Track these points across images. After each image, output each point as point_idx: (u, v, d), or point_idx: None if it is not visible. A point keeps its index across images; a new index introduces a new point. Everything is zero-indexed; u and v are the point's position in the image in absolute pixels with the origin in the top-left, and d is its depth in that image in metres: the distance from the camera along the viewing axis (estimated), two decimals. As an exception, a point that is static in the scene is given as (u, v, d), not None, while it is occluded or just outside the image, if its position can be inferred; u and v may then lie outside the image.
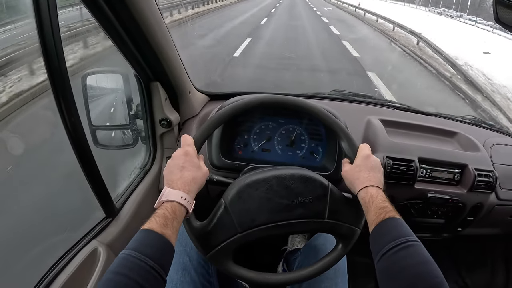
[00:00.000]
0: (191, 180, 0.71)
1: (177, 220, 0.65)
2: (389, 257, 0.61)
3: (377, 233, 0.67)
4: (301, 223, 0.79)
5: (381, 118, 1.28)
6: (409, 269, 0.58)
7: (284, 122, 1.18)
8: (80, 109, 0.93)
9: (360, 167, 0.79)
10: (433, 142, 1.28)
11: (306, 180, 0.81)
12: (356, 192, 0.77)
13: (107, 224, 0.95)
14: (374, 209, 0.70)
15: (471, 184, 1.18)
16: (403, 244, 0.61)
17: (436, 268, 0.58)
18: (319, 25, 13.95)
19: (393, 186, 1.14)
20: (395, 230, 0.65)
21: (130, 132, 1.12)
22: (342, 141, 0.86)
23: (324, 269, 0.82)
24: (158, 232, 0.61)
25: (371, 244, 0.68)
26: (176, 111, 1.16)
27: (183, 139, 0.78)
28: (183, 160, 0.73)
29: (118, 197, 1.07)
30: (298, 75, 6.16)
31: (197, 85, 1.29)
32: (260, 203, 0.78)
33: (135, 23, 0.84)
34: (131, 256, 0.56)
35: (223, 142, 1.10)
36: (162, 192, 0.68)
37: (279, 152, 1.18)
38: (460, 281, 1.78)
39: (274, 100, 0.85)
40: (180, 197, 0.67)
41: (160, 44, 0.95)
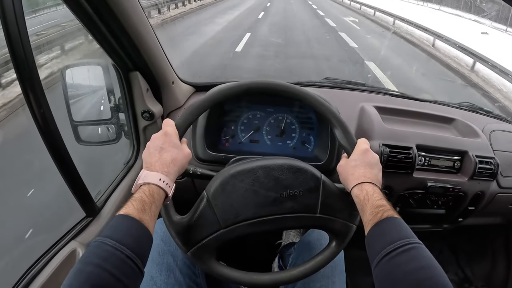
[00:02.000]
0: (170, 161, 0.67)
1: (155, 204, 0.61)
2: (388, 262, 0.55)
3: (374, 234, 0.61)
4: (290, 218, 0.74)
5: (375, 105, 1.24)
6: (411, 275, 0.52)
7: (273, 110, 1.13)
8: (61, 104, 0.91)
9: (356, 162, 0.73)
10: (430, 129, 1.24)
11: (297, 171, 0.75)
12: (350, 189, 0.71)
13: (87, 223, 0.90)
14: (370, 208, 0.64)
15: (472, 171, 1.15)
16: (403, 246, 0.55)
17: (442, 274, 0.52)
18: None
19: (391, 176, 1.10)
20: (394, 231, 0.59)
21: (113, 127, 1.08)
22: (336, 129, 0.80)
23: (317, 268, 0.77)
24: (135, 218, 0.56)
25: (367, 247, 0.62)
26: (159, 102, 1.11)
27: (164, 122, 0.74)
28: (162, 140, 0.69)
29: (99, 194, 1.02)
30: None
31: (184, 75, 1.24)
32: (245, 196, 0.72)
33: (110, 10, 0.79)
34: (105, 243, 0.51)
35: (208, 133, 1.05)
36: (139, 175, 0.64)
37: (268, 143, 1.14)
38: (460, 272, 1.76)
39: (262, 84, 0.79)
40: (158, 179, 0.63)
41: (138, 32, 0.90)
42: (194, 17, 12.13)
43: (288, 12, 15.15)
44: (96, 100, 1.06)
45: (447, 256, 1.83)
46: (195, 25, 10.61)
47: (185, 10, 12.61)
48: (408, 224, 1.04)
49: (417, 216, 1.26)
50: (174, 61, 1.14)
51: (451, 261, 1.80)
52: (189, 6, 13.57)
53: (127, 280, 0.50)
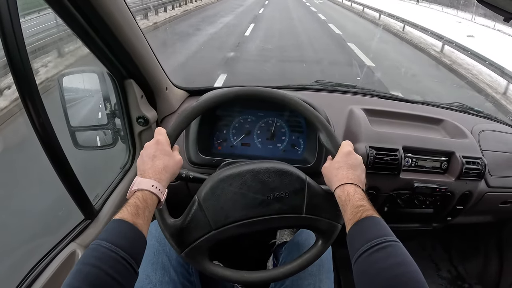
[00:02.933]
0: (162, 169, 0.71)
1: (148, 209, 0.65)
2: (365, 259, 0.58)
3: (354, 233, 0.65)
4: (278, 218, 0.78)
5: (364, 107, 1.27)
6: (386, 271, 0.55)
7: (263, 115, 1.17)
8: (59, 111, 0.95)
9: (340, 164, 0.77)
10: (418, 130, 1.27)
11: (282, 174, 0.79)
12: (333, 190, 0.75)
13: (86, 226, 0.95)
14: (350, 208, 0.68)
15: (459, 172, 1.18)
16: (380, 244, 0.58)
17: (416, 270, 0.55)
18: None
19: (378, 177, 1.13)
20: (372, 230, 0.62)
21: (110, 132, 1.12)
22: (321, 133, 0.84)
23: (303, 266, 0.81)
24: (129, 222, 0.60)
25: (348, 245, 0.65)
26: (154, 108, 1.15)
27: (156, 130, 0.78)
28: (154, 149, 0.73)
29: (97, 198, 1.06)
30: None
31: (177, 80, 1.28)
32: (234, 198, 0.77)
33: (102, 22, 0.82)
34: (101, 246, 0.55)
35: (201, 138, 1.09)
36: (134, 182, 0.68)
37: (259, 146, 1.18)
38: (453, 269, 1.79)
39: (249, 92, 0.83)
40: (151, 186, 0.67)
41: (130, 41, 0.93)
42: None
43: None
44: (92, 106, 1.10)
45: (440, 253, 1.86)
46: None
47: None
48: (397, 223, 1.08)
49: (406, 215, 1.29)
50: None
51: (444, 259, 1.82)
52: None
53: (122, 279, 0.54)
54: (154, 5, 11.02)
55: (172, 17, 11.52)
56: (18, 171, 1.82)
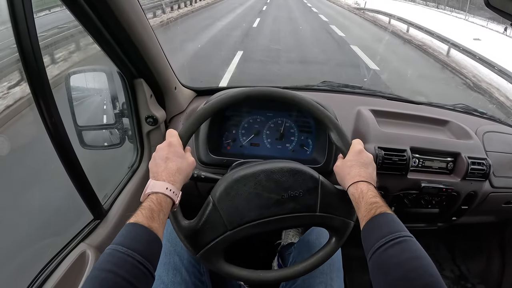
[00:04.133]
0: (176, 171, 0.71)
1: (163, 212, 0.65)
2: (381, 254, 0.60)
3: (368, 229, 0.66)
4: (292, 217, 0.79)
5: (371, 109, 1.29)
6: (402, 265, 0.57)
7: (272, 115, 1.19)
8: (66, 109, 0.95)
9: (352, 162, 0.79)
10: (425, 131, 1.29)
11: (296, 173, 0.80)
12: (346, 188, 0.77)
13: (95, 226, 0.95)
14: (364, 205, 0.70)
15: (465, 172, 1.20)
16: (395, 240, 0.60)
17: (430, 264, 0.57)
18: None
19: (386, 177, 1.15)
20: (387, 226, 0.64)
21: (117, 131, 1.12)
22: (332, 132, 0.85)
23: (318, 263, 0.82)
24: (144, 225, 0.60)
25: (363, 241, 0.67)
26: (162, 108, 1.16)
27: (167, 132, 0.79)
28: (166, 151, 0.74)
29: (106, 197, 1.07)
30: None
31: (184, 80, 1.29)
32: (249, 199, 0.78)
33: (116, 20, 0.83)
34: (117, 251, 0.55)
35: (211, 138, 1.10)
36: (147, 185, 0.68)
37: (269, 146, 1.19)
38: (456, 269, 1.81)
39: (260, 92, 0.85)
40: (165, 188, 0.67)
41: (143, 41, 0.94)
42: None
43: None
44: (99, 106, 1.10)
45: (443, 253, 1.88)
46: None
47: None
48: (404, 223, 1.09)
49: (412, 215, 1.31)
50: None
51: (447, 259, 1.85)
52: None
53: (139, 283, 0.54)
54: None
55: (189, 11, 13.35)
56: (26, 171, 1.81)
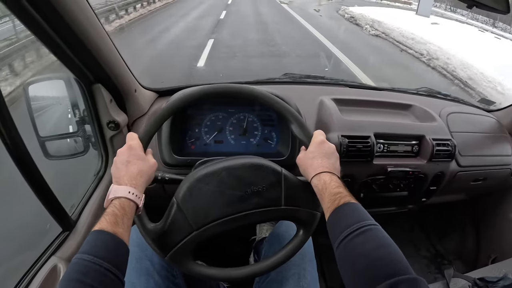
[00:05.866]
0: (137, 174, 0.73)
1: (127, 216, 0.66)
2: (347, 244, 0.61)
3: (333, 220, 0.67)
4: (257, 213, 0.81)
5: (334, 98, 1.31)
6: (368, 255, 0.58)
7: (234, 111, 1.20)
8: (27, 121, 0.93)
9: (314, 153, 0.81)
10: (388, 117, 1.33)
11: (258, 168, 0.82)
12: (310, 179, 0.78)
13: (64, 238, 0.95)
14: (328, 196, 0.71)
15: (430, 154, 1.25)
16: (360, 229, 0.61)
17: (396, 251, 0.58)
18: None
19: (352, 165, 1.18)
20: (351, 216, 0.65)
21: (80, 139, 1.11)
22: (292, 125, 0.88)
23: (288, 257, 0.84)
24: (109, 232, 0.61)
25: (329, 233, 0.67)
26: (124, 111, 1.16)
27: (128, 136, 0.80)
28: (127, 154, 0.75)
29: (73, 208, 1.06)
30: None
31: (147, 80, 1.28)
32: (213, 197, 0.79)
33: (67, 26, 0.82)
34: (83, 260, 0.56)
35: (174, 138, 1.11)
36: (110, 190, 0.69)
37: (233, 142, 1.21)
38: (432, 248, 1.89)
39: (217, 89, 0.86)
40: (128, 192, 0.68)
41: (97, 45, 0.93)
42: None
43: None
44: (61, 114, 1.09)
45: (418, 234, 1.96)
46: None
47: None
48: (374, 208, 1.14)
49: (382, 199, 1.35)
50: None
51: (422, 238, 1.93)
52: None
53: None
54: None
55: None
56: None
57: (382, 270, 0.54)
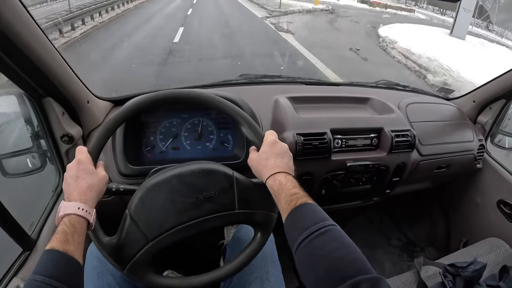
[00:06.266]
0: (87, 188, 0.72)
1: (77, 233, 0.65)
2: (305, 247, 0.60)
3: (290, 222, 0.66)
4: (212, 218, 0.80)
5: (289, 96, 1.31)
6: (328, 256, 0.57)
7: (187, 116, 1.19)
8: None
9: (267, 154, 0.79)
10: (346, 111, 1.34)
11: (208, 174, 0.82)
12: (264, 180, 0.76)
13: (25, 258, 0.93)
14: (284, 197, 0.70)
15: (390, 146, 1.26)
16: (318, 230, 0.60)
17: (356, 251, 0.58)
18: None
19: (310, 162, 1.18)
20: (309, 217, 0.64)
21: (37, 155, 1.09)
22: (243, 126, 0.87)
23: (247, 261, 0.84)
24: (59, 250, 0.60)
25: (286, 235, 0.66)
26: (78, 123, 1.13)
27: (77, 150, 0.78)
28: (76, 169, 0.74)
29: (33, 226, 1.04)
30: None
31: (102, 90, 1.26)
32: (165, 206, 0.78)
33: (5, 38, 0.78)
34: (35, 280, 0.55)
35: (128, 148, 1.09)
36: (59, 207, 0.68)
37: (189, 148, 1.19)
38: (403, 237, 1.93)
39: (165, 96, 0.85)
40: (77, 208, 0.67)
41: (42, 58, 0.90)
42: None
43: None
44: (15, 130, 1.08)
45: (388, 224, 1.99)
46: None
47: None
48: (338, 203, 1.15)
49: (345, 194, 1.36)
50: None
51: (392, 229, 1.96)
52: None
53: None
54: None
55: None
56: None
57: (343, 270, 0.54)
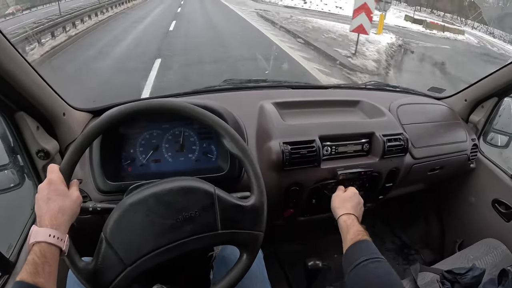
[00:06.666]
0: (58, 211, 0.68)
1: (48, 263, 0.62)
2: (362, 268, 0.79)
3: (353, 249, 0.85)
4: (193, 240, 0.75)
5: (274, 101, 1.25)
6: (379, 277, 0.77)
7: (168, 126, 1.13)
8: None
9: (347, 199, 1.04)
10: (334, 116, 1.28)
11: (187, 192, 0.77)
12: (340, 215, 0.98)
13: (4, 282, 0.89)
14: (352, 232, 0.90)
15: (382, 151, 1.21)
16: (373, 259, 0.80)
17: (397, 279, 0.77)
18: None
19: (298, 172, 1.13)
20: (367, 249, 0.84)
21: (14, 171, 1.04)
22: (224, 139, 0.83)
23: (234, 283, 0.79)
24: (29, 283, 0.57)
25: (345, 256, 0.86)
26: (54, 137, 1.07)
27: (48, 168, 0.74)
28: (47, 190, 0.70)
29: (11, 248, 0.99)
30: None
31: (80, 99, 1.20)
32: (142, 228, 0.73)
33: None
34: None
35: (106, 162, 1.04)
36: (30, 233, 0.64)
37: (170, 160, 1.14)
38: (397, 240, 1.90)
39: (139, 107, 0.79)
40: (48, 236, 0.63)
41: (10, 71, 0.85)
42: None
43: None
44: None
45: (381, 228, 1.95)
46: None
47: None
48: (329, 212, 1.11)
49: None
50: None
51: (386, 232, 1.93)
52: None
53: None
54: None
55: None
56: None
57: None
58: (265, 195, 0.83)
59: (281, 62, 7.61)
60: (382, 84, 1.60)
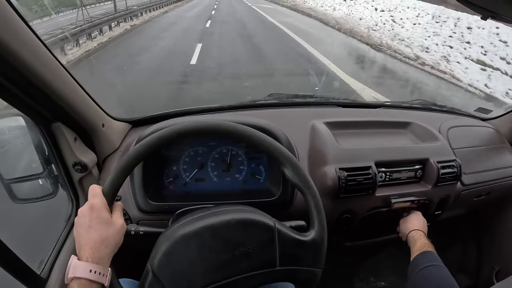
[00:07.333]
0: (101, 243, 0.62)
1: None
2: (425, 270, 0.93)
3: (420, 257, 0.99)
4: (248, 277, 0.69)
5: (326, 121, 1.19)
6: (439, 279, 0.91)
7: (215, 144, 1.07)
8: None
9: (415, 219, 1.14)
10: (387, 139, 1.21)
11: (246, 225, 0.71)
12: (409, 231, 1.10)
13: None
14: (419, 244, 1.04)
15: (436, 179, 1.14)
16: (435, 265, 0.94)
17: (456, 285, 0.88)
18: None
19: (352, 199, 1.07)
20: (432, 257, 0.97)
21: (48, 180, 0.99)
22: (286, 168, 0.76)
23: None
24: None
25: (411, 263, 0.99)
26: (92, 149, 1.02)
27: (90, 191, 0.69)
28: (88, 217, 0.64)
29: (43, 264, 0.93)
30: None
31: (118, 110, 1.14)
32: (194, 262, 0.67)
33: (7, 64, 0.67)
34: None
35: (148, 181, 0.98)
36: (69, 264, 0.59)
37: (216, 180, 1.08)
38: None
39: (195, 128, 0.74)
40: (89, 271, 0.59)
41: (47, 81, 0.78)
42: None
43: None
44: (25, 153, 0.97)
45: None
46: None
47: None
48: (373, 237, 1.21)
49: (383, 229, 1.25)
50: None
51: None
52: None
53: None
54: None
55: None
56: None
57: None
58: (326, 230, 0.77)
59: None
60: (429, 103, 1.51)
